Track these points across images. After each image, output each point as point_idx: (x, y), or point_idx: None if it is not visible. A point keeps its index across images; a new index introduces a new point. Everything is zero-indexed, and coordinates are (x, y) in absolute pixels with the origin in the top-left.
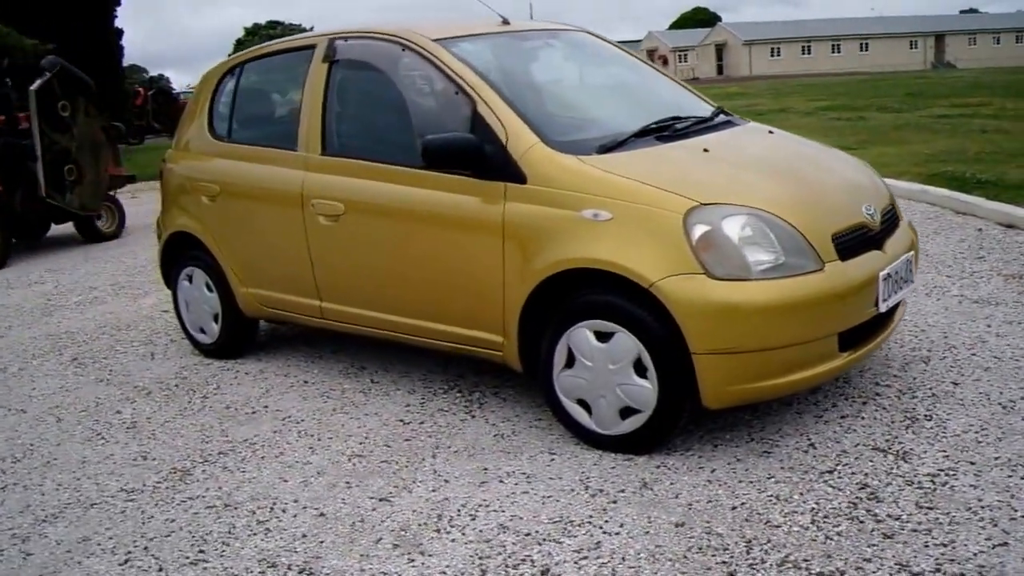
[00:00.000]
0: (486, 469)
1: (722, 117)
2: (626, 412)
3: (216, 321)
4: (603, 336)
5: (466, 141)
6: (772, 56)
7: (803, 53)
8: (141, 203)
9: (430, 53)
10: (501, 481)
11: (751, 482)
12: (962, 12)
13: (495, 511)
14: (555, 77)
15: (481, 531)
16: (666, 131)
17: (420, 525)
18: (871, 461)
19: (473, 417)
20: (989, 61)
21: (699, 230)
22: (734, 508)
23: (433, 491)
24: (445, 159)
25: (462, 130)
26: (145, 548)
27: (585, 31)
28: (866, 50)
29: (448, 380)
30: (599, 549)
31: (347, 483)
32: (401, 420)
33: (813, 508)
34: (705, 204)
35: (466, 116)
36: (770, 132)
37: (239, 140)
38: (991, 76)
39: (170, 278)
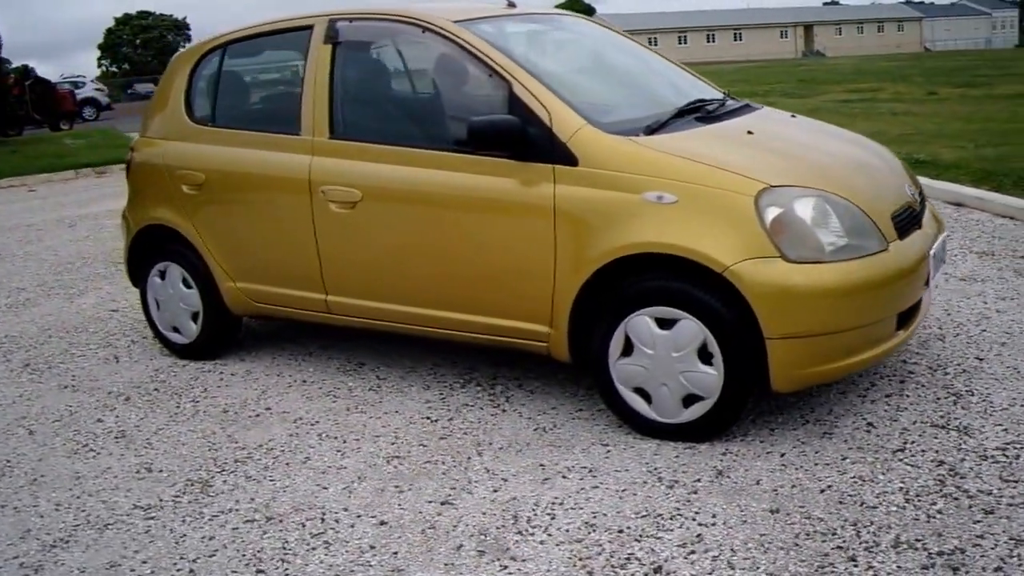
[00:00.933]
0: (542, 465)
1: (738, 101)
2: (688, 400)
3: (194, 319)
4: (664, 323)
5: (510, 122)
6: (649, 46)
7: (679, 43)
8: (45, 196)
9: (454, 35)
10: (564, 477)
11: (826, 464)
12: (825, 4)
13: (573, 509)
14: (575, 60)
15: (568, 530)
16: (701, 113)
17: (498, 528)
18: (935, 438)
19: (504, 411)
20: (856, 50)
21: (772, 212)
22: (822, 491)
23: (495, 491)
24: (490, 141)
25: (497, 112)
26: (191, 571)
27: (579, 16)
28: (740, 40)
29: (461, 374)
30: (703, 542)
31: (396, 487)
32: (427, 418)
33: (901, 487)
34: (775, 186)
35: (501, 98)
36: (792, 117)
37: (226, 124)
38: (867, 64)
39: (137, 275)
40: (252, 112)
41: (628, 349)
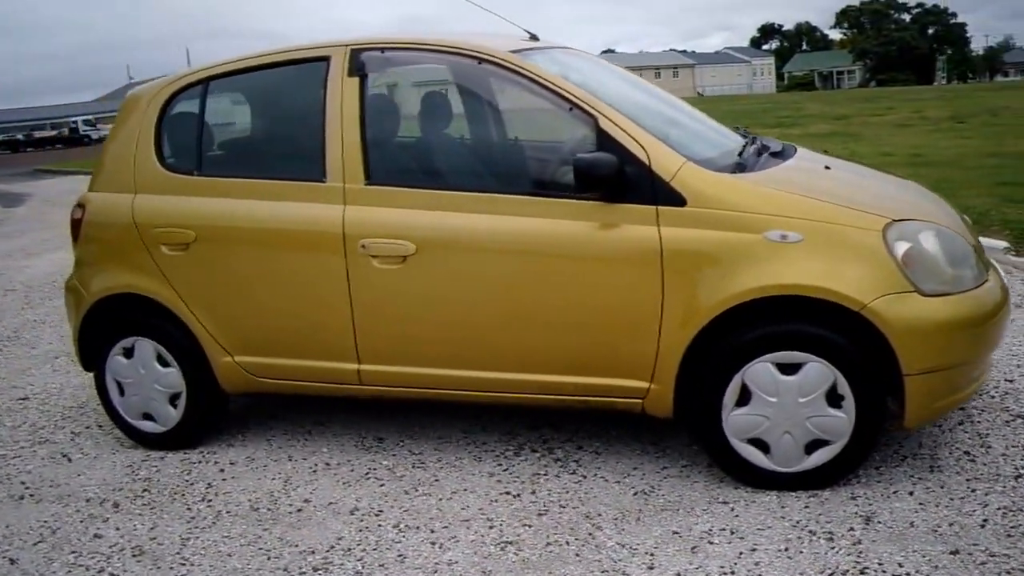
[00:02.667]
0: (676, 533)
1: (770, 139)
2: (811, 446)
3: (173, 403)
4: (786, 368)
5: (611, 161)
6: None
7: None
8: None
9: (521, 67)
10: (710, 543)
11: (961, 498)
12: (602, 53)
13: None
14: (623, 94)
15: None
16: (770, 151)
17: None
18: None
19: (585, 477)
20: None
21: (902, 246)
22: (982, 526)
23: (652, 568)
24: (591, 181)
25: (580, 150)
26: None
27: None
28: None
29: (504, 440)
30: None
31: None
32: (506, 492)
33: None
34: (896, 220)
35: (585, 135)
36: (825, 152)
37: (218, 173)
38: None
39: (91, 356)
40: (252, 157)
41: (744, 399)
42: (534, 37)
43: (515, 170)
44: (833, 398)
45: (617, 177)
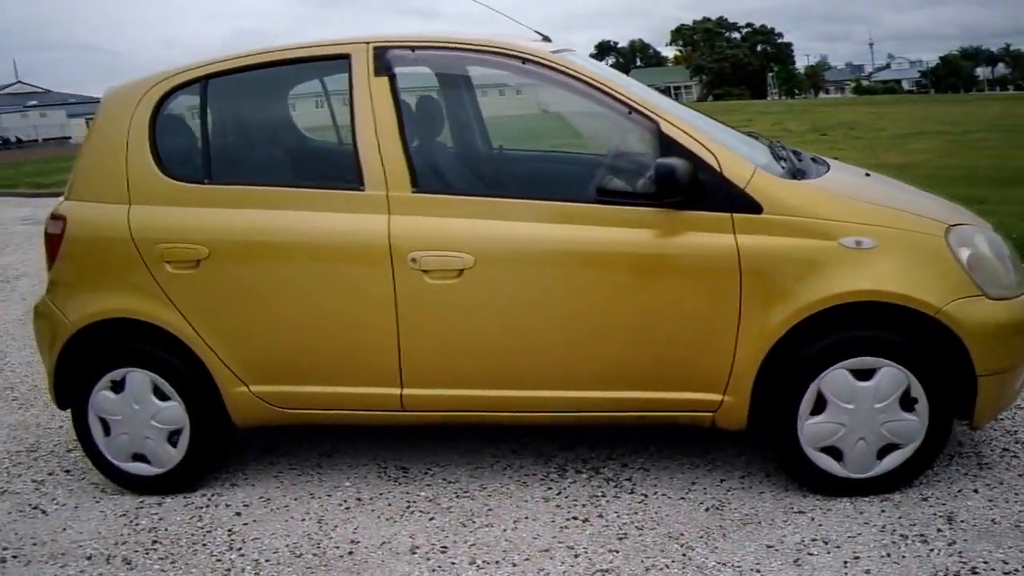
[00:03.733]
0: (770, 547)
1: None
2: (882, 451)
3: (172, 441)
4: (860, 374)
5: (687, 167)
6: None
7: (316, 107)
8: None
9: (571, 68)
10: (810, 554)
11: None
12: None
13: None
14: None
15: None
16: (811, 158)
17: None
18: None
19: (647, 496)
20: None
21: (965, 251)
22: None
23: None
24: (678, 187)
25: (643, 155)
26: None
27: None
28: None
29: (540, 462)
30: None
31: None
32: (573, 517)
33: None
34: (954, 225)
35: (648, 140)
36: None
37: (231, 181)
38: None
39: (67, 392)
40: (270, 163)
41: (819, 407)
42: (546, 39)
43: (576, 176)
44: (905, 402)
45: (693, 183)
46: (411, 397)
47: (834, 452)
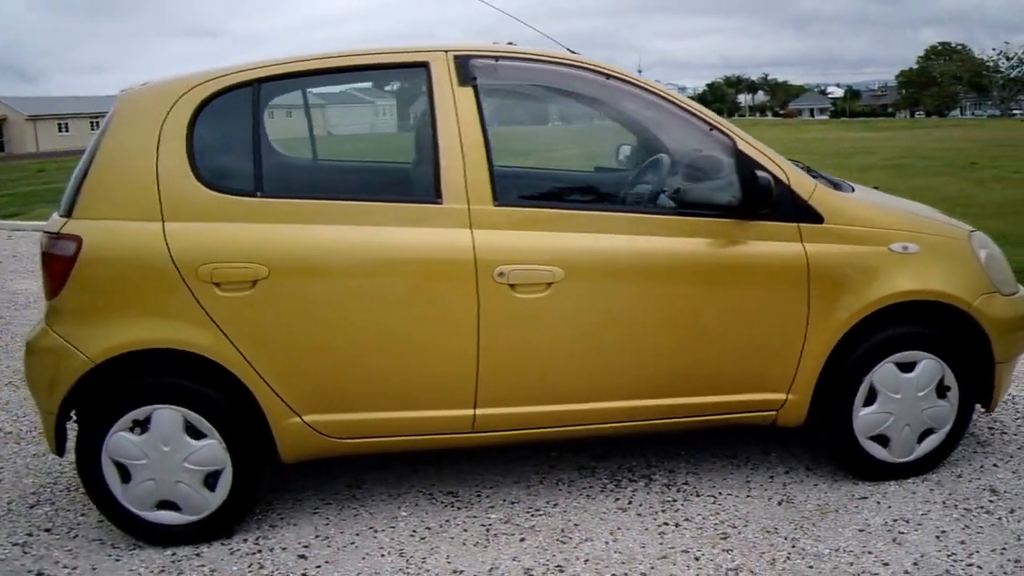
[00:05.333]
0: (862, 530)
1: None
2: (921, 436)
3: (209, 484)
4: (903, 367)
5: (770, 181)
6: (60, 132)
7: (92, 128)
8: None
9: (652, 86)
10: (901, 532)
11: None
12: None
13: (976, 553)
14: None
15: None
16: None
17: None
18: None
19: (715, 497)
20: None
21: (983, 252)
22: None
23: (887, 564)
24: (770, 200)
25: (720, 171)
26: None
27: None
28: (67, 131)
29: (583, 475)
30: None
31: None
32: (663, 523)
33: None
34: (972, 231)
35: (724, 156)
36: None
37: (289, 194)
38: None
39: (71, 435)
40: (332, 175)
41: (870, 398)
42: (571, 52)
43: (656, 188)
44: (939, 390)
45: (777, 196)
46: (484, 417)
47: (880, 440)
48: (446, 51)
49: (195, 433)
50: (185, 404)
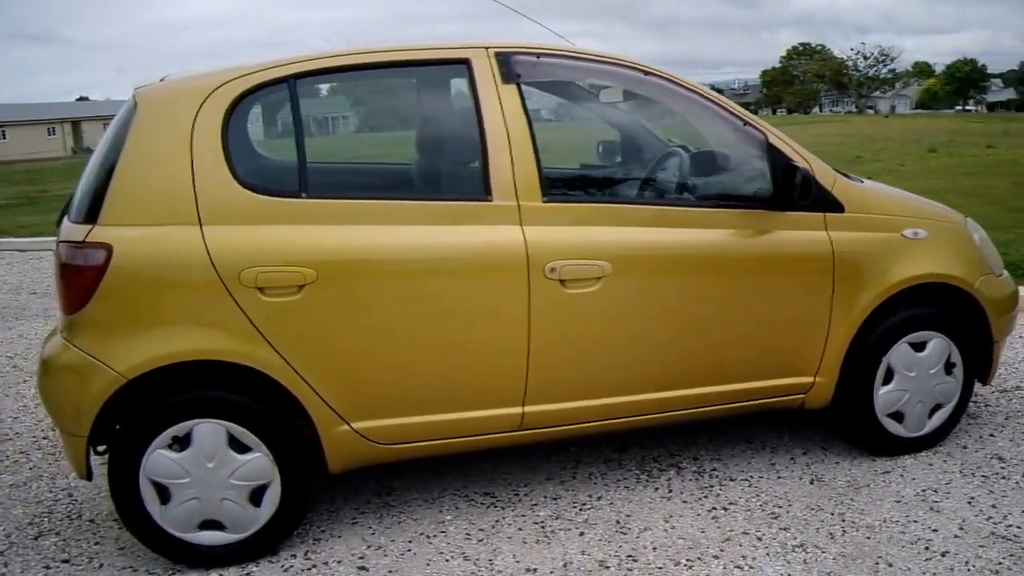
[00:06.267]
0: (897, 502)
1: None
2: (931, 411)
3: (255, 500)
4: (915, 346)
5: (810, 172)
6: None
7: None
8: None
9: (682, 82)
10: (935, 501)
11: None
12: (77, 100)
13: (1006, 523)
14: None
15: None
16: None
17: None
18: None
19: (749, 480)
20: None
21: (977, 236)
22: None
23: (937, 530)
24: (808, 191)
25: (753, 164)
26: None
27: None
28: (4, 138)
29: (608, 467)
30: None
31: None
32: (711, 508)
33: None
34: (965, 217)
35: (758, 150)
36: None
37: (334, 194)
38: None
39: (107, 456)
40: (377, 174)
41: (887, 377)
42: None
43: (699, 182)
44: (946, 367)
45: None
46: (532, 414)
47: (896, 416)
48: (487, 48)
49: (239, 447)
50: (227, 417)
